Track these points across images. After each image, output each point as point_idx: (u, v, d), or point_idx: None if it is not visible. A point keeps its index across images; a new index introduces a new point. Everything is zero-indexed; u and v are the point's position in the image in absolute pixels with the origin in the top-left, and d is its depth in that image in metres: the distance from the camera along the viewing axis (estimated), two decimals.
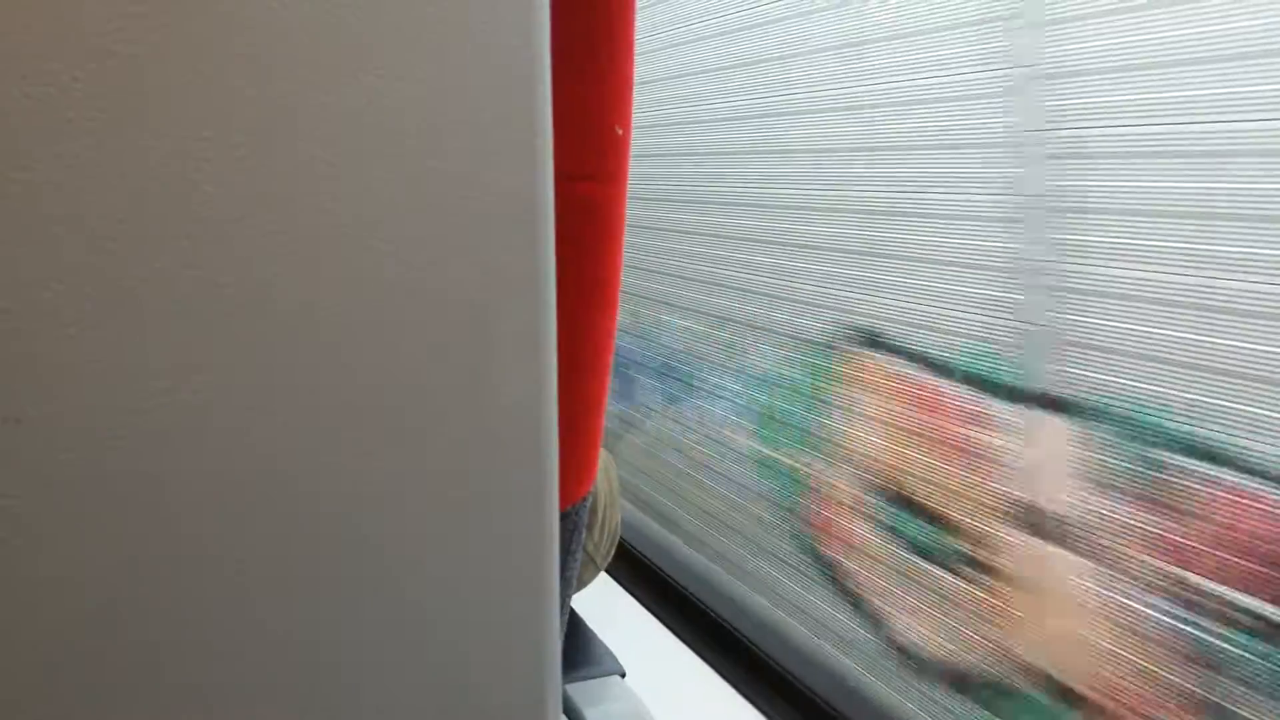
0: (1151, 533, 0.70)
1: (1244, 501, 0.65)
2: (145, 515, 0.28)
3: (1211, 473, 0.67)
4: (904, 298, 0.92)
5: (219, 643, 0.30)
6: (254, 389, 0.29)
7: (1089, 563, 0.75)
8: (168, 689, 0.30)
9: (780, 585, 1.12)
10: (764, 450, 1.14)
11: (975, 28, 0.82)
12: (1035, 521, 0.79)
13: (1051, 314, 0.77)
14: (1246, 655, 0.65)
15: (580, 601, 0.85)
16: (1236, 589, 0.66)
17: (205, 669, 0.30)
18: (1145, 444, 0.71)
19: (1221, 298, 0.65)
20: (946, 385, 0.88)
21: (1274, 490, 0.63)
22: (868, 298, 0.96)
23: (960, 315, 0.86)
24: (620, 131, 0.46)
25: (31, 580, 0.27)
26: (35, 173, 0.26)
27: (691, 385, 1.30)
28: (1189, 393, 0.68)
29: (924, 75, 0.88)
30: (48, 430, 0.27)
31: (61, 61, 0.26)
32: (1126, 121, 0.71)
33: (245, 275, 0.29)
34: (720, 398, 1.24)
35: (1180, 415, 0.68)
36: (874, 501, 0.97)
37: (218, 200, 0.28)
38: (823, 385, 1.03)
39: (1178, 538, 0.69)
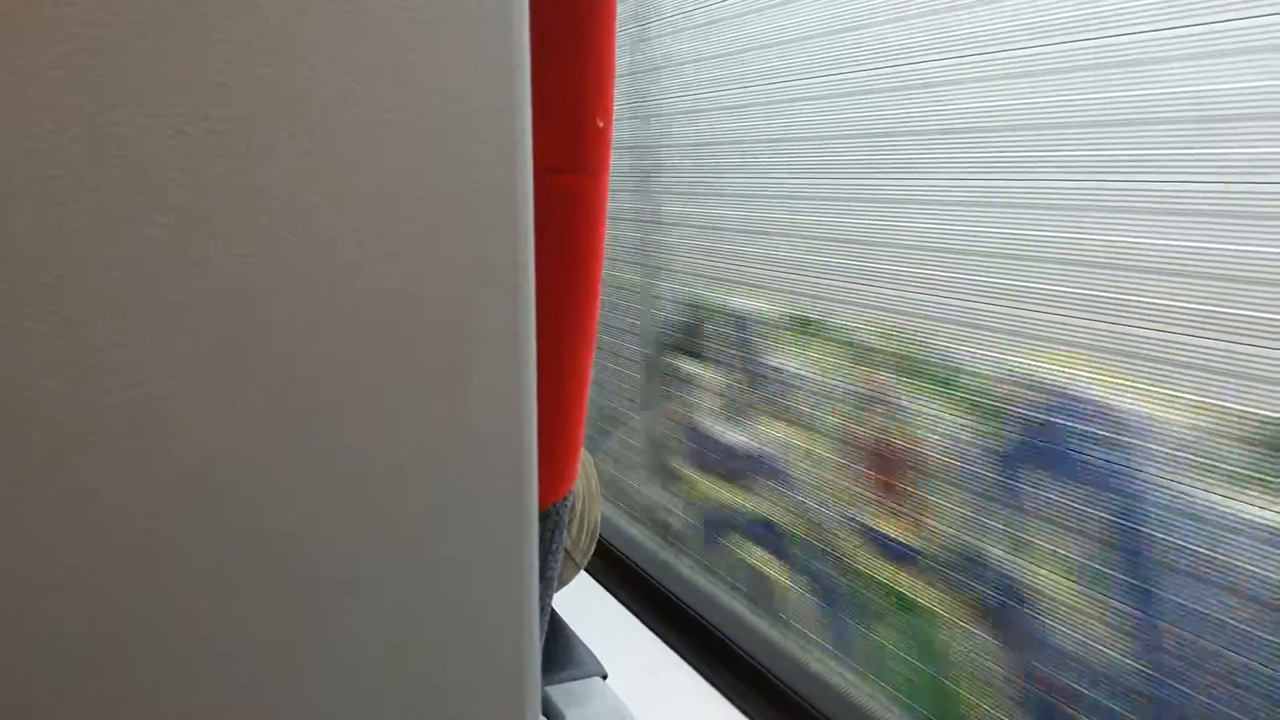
0: None
1: None
2: (118, 511, 0.28)
3: None
4: None
5: (189, 644, 0.29)
6: (225, 385, 0.29)
7: None
8: (140, 689, 0.29)
9: None
10: None
11: None
12: None
13: None
14: None
15: (562, 602, 0.85)
16: None
17: (174, 670, 0.29)
18: None
19: None
20: None
21: None
22: None
23: None
24: (601, 125, 0.46)
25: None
26: (13, 162, 0.25)
27: None
28: None
29: None
30: (10, 422, 0.26)
31: (42, 50, 0.25)
32: None
33: (219, 270, 0.28)
34: None
35: None
36: None
37: (192, 193, 0.27)
38: None
39: None
